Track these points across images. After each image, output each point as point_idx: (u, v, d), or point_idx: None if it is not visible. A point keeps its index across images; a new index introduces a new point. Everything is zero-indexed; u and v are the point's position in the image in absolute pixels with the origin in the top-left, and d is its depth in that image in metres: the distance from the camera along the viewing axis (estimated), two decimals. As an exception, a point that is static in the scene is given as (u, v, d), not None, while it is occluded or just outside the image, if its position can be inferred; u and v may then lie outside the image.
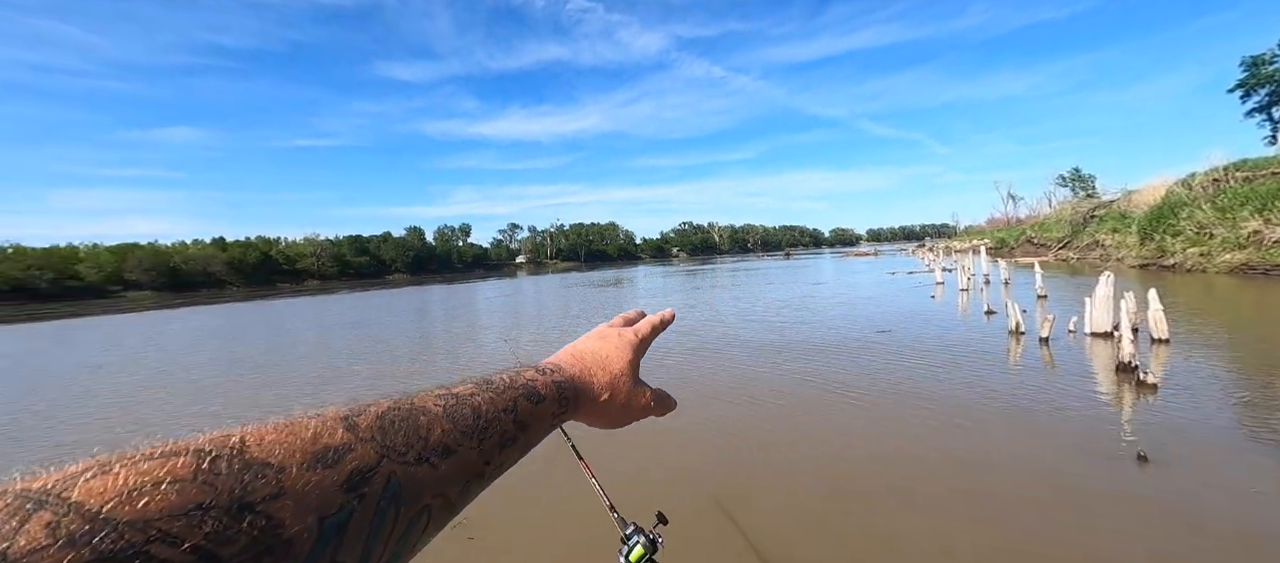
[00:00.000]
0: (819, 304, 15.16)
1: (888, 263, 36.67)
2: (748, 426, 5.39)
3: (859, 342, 9.10)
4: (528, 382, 0.47)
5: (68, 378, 10.78)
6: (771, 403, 6.05)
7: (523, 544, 3.47)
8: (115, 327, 24.42)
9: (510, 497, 4.17)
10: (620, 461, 4.45)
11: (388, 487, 0.30)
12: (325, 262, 78.29)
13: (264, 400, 8.03)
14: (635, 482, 4.07)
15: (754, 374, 7.41)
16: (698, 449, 4.78)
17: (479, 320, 17.80)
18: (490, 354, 10.87)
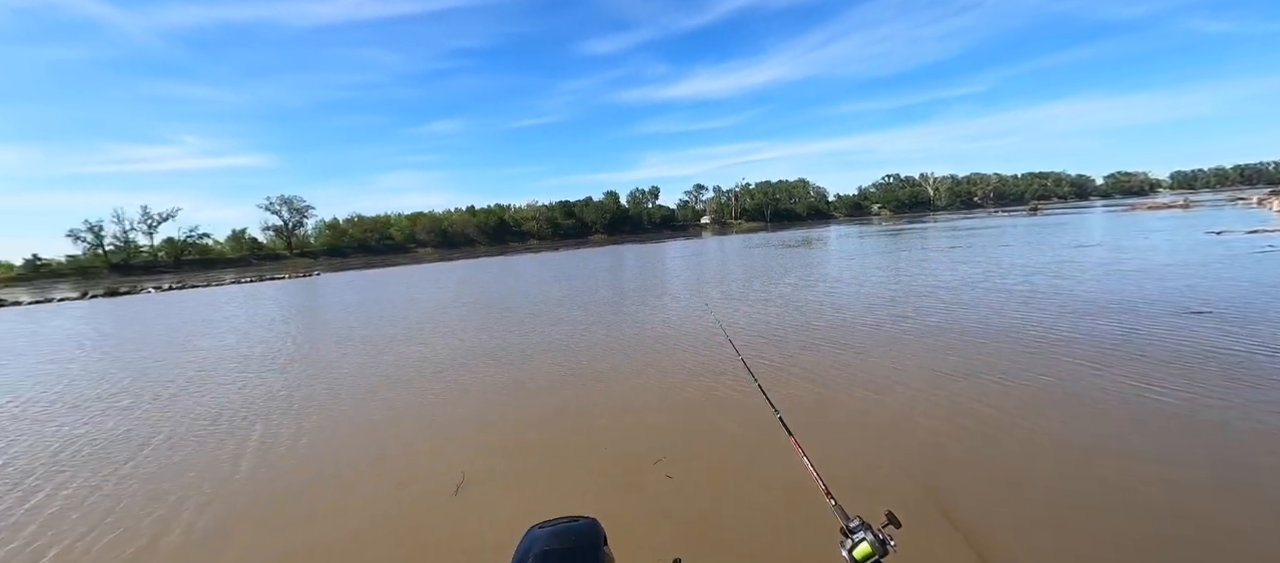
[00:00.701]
0: (1084, 271, 11.76)
1: (1206, 217, 26.29)
2: (979, 420, 4.57)
3: (1153, 322, 6.80)
4: None
5: (407, 298, 15.14)
6: (1010, 393, 5.00)
7: (727, 514, 3.27)
8: (418, 271, 33.16)
9: (712, 464, 4.34)
10: (832, 441, 4.18)
11: None
12: (542, 224, 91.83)
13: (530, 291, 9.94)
14: (848, 466, 3.73)
15: (979, 354, 6.21)
16: (919, 437, 4.21)
17: (666, 277, 18.76)
18: (684, 307, 11.39)
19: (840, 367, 6.13)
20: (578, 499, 3.68)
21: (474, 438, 4.90)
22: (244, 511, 3.80)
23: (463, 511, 3.58)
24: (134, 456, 4.99)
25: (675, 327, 9.46)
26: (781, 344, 7.46)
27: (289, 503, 3.88)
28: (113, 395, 7.37)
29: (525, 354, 8.09)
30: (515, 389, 6.35)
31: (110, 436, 5.62)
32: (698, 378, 6.15)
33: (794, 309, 10.25)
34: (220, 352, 10.42)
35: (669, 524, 3.21)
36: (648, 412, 5.23)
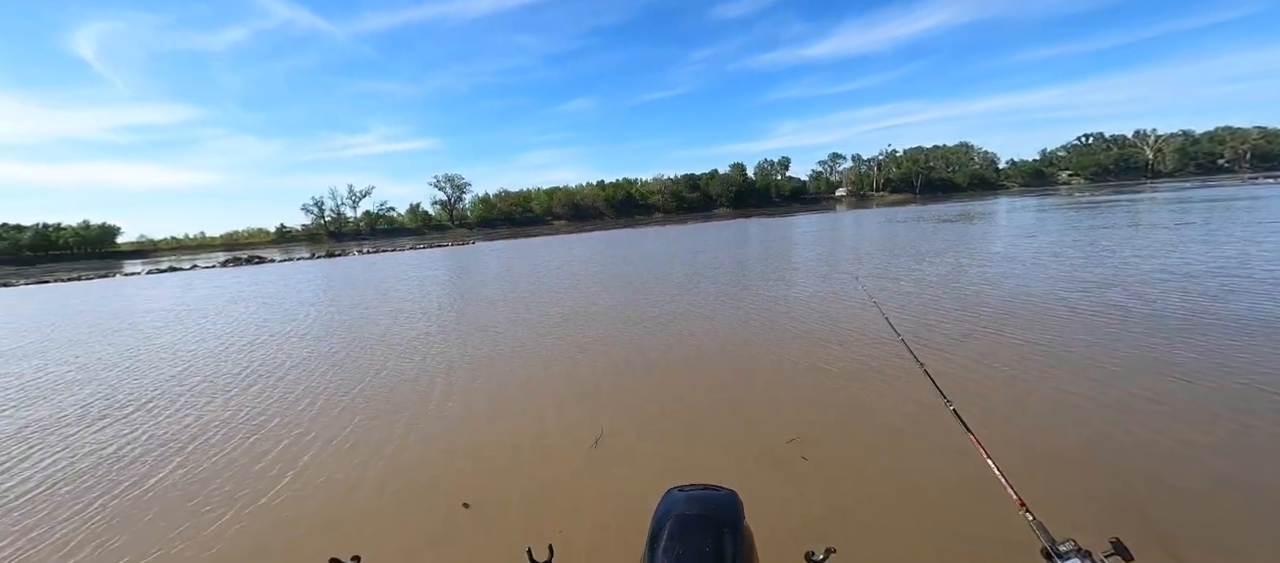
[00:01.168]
0: None
1: None
2: (1238, 444, 3.53)
3: None
4: None
5: (548, 266, 16.68)
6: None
7: (881, 511, 2.94)
8: (555, 241, 36.08)
9: (858, 452, 4.03)
10: (1020, 444, 3.51)
11: None
12: (667, 198, 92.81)
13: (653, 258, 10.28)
14: (1043, 477, 3.10)
15: (1237, 357, 4.76)
16: (1145, 455, 3.37)
17: (799, 250, 17.69)
18: (826, 282, 10.68)
19: (1026, 358, 5.20)
20: (708, 468, 3.66)
21: (611, 397, 5.16)
22: (437, 436, 4.49)
23: (601, 464, 3.80)
24: (363, 382, 6.19)
25: (816, 302, 8.90)
26: (946, 328, 6.56)
27: (462, 434, 4.49)
28: (349, 332, 9.26)
29: (658, 320, 8.29)
30: (650, 352, 6.54)
31: (347, 362, 7.06)
32: (842, 358, 5.71)
33: (958, 290, 8.95)
34: (409, 305, 12.43)
35: (806, 510, 3.03)
36: (782, 387, 5.01)
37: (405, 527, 3.17)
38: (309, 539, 3.11)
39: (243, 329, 10.39)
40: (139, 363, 8.03)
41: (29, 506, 3.71)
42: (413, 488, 3.63)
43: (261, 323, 10.98)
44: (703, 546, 1.02)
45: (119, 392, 6.46)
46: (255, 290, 18.33)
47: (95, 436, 4.99)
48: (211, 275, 28.95)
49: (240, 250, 60.41)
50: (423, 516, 3.27)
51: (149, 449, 4.57)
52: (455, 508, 3.31)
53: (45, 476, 4.17)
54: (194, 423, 5.15)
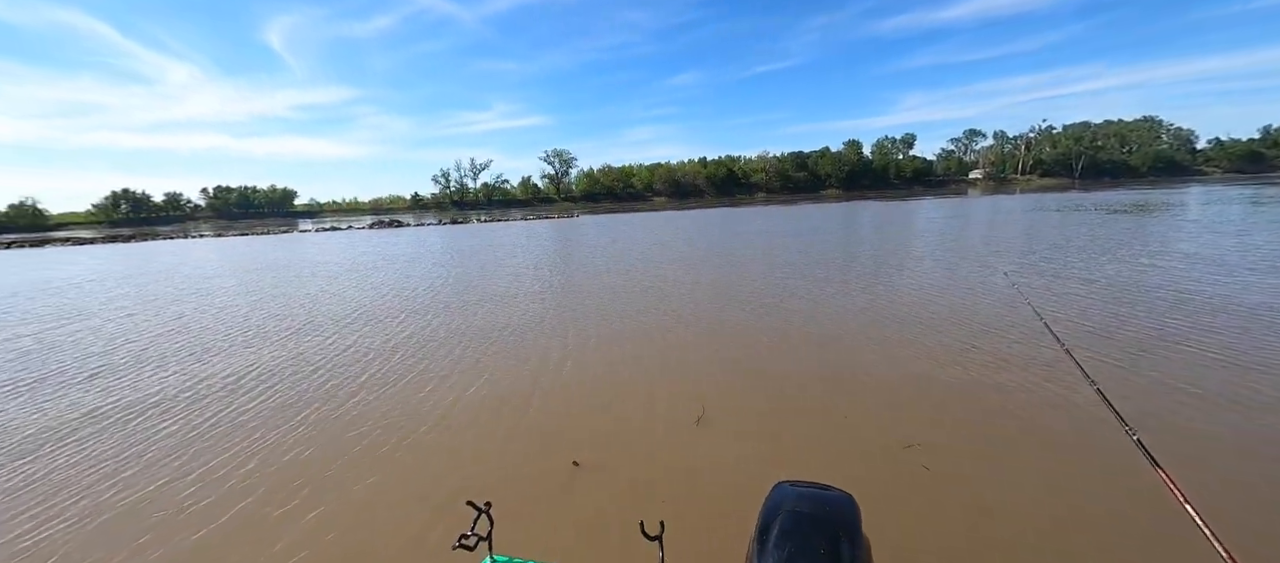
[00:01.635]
0: None
1: None
2: None
3: None
4: None
5: (652, 241, 17.06)
6: None
7: (1037, 545, 2.59)
8: (655, 217, 36.54)
9: (996, 470, 3.64)
10: (1240, 486, 2.94)
11: None
12: (771, 176, 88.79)
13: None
14: (1270, 532, 2.54)
15: None
16: None
17: (922, 240, 16.01)
18: (963, 277, 9.62)
19: (1234, 384, 4.25)
20: (814, 463, 3.52)
21: (714, 375, 5.14)
22: (555, 394, 4.85)
23: (703, 442, 3.82)
24: (493, 336, 6.86)
25: (949, 297, 8.04)
26: (1121, 340, 5.57)
27: (577, 394, 4.78)
28: (479, 290, 10.30)
29: (763, 302, 8.06)
30: (754, 334, 6.40)
31: (479, 317, 7.87)
32: (979, 362, 5.12)
33: (1138, 294, 7.54)
34: (526, 271, 13.42)
35: (936, 532, 2.77)
36: (902, 387, 4.62)
37: (523, 477, 3.48)
38: (447, 475, 3.54)
39: (401, 282, 11.96)
40: (319, 311, 9.61)
41: (263, 418, 4.66)
42: (532, 441, 3.95)
43: (406, 278, 12.56)
44: (816, 546, 0.97)
45: (330, 339, 7.80)
46: (399, 250, 20.94)
47: (309, 378, 6.10)
48: (364, 235, 33.52)
49: (383, 215, 69.62)
50: (539, 469, 3.56)
51: (342, 383, 5.48)
52: (566, 466, 3.55)
53: (276, 402, 5.20)
54: (368, 359, 6.07)
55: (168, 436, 4.26)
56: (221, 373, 5.83)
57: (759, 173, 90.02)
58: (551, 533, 2.89)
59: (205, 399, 5.03)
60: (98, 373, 5.98)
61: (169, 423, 4.52)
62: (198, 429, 4.36)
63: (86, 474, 3.69)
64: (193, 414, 4.67)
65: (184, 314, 9.37)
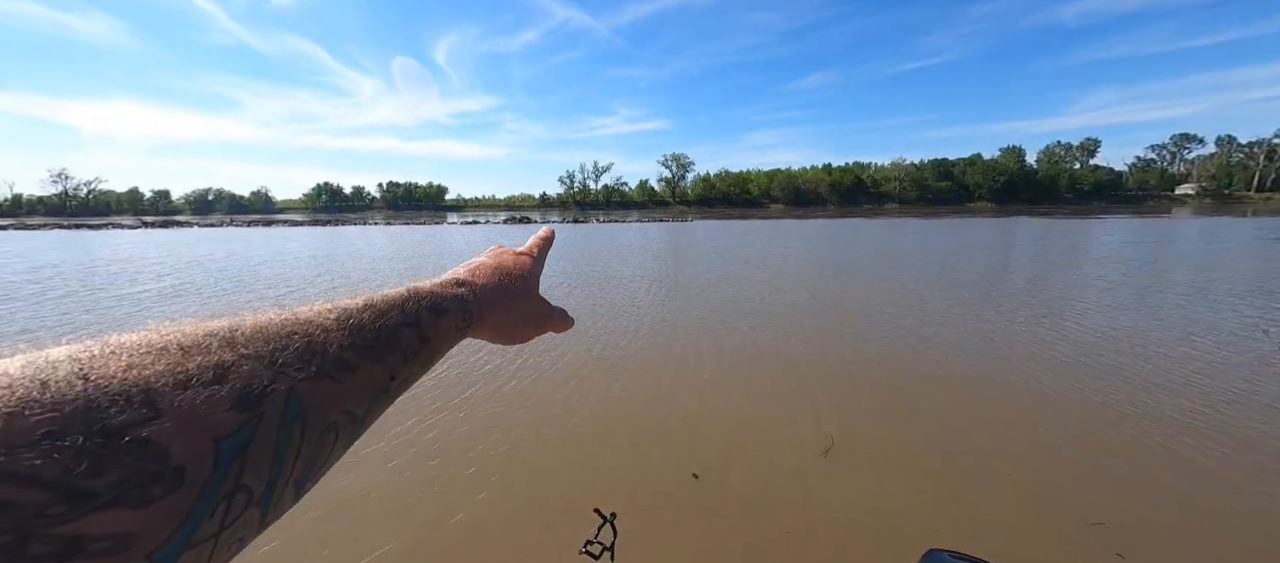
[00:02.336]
0: None
1: None
2: None
3: None
4: (429, 293, 0.44)
5: (774, 253, 16.58)
6: None
7: None
8: (770, 227, 35.31)
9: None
10: None
11: (289, 403, 0.28)
12: (906, 185, 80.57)
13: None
14: None
15: None
16: None
17: (1101, 270, 13.22)
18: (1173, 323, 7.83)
19: None
20: (971, 529, 3.02)
21: (848, 400, 4.75)
22: (686, 402, 4.87)
23: (832, 479, 3.50)
24: (628, 339, 7.14)
25: (1159, 345, 6.58)
26: None
27: (707, 403, 4.73)
28: (611, 293, 10.84)
29: (902, 328, 7.28)
30: (890, 364, 5.80)
31: (611, 320, 8.26)
32: (1200, 433, 4.07)
33: None
34: (650, 272, 13.77)
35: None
36: (1090, 454, 3.81)
37: (646, 485, 3.48)
38: (580, 475, 3.69)
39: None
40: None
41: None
42: (656, 447, 3.97)
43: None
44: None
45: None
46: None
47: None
48: (500, 229, 37.18)
49: (515, 211, 76.68)
50: (662, 477, 3.54)
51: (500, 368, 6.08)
52: (687, 477, 3.49)
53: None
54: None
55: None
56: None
57: (892, 182, 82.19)
58: (667, 548, 2.84)
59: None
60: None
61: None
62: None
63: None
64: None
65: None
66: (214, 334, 0.27)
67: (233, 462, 0.24)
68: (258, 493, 0.25)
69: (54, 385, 0.20)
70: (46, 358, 0.22)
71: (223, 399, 0.24)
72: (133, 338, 0.25)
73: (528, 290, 0.58)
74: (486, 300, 0.51)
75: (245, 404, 0.25)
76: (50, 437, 0.18)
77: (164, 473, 0.21)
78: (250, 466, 0.25)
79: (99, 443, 0.19)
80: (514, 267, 0.57)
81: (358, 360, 0.33)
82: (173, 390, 0.23)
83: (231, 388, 0.25)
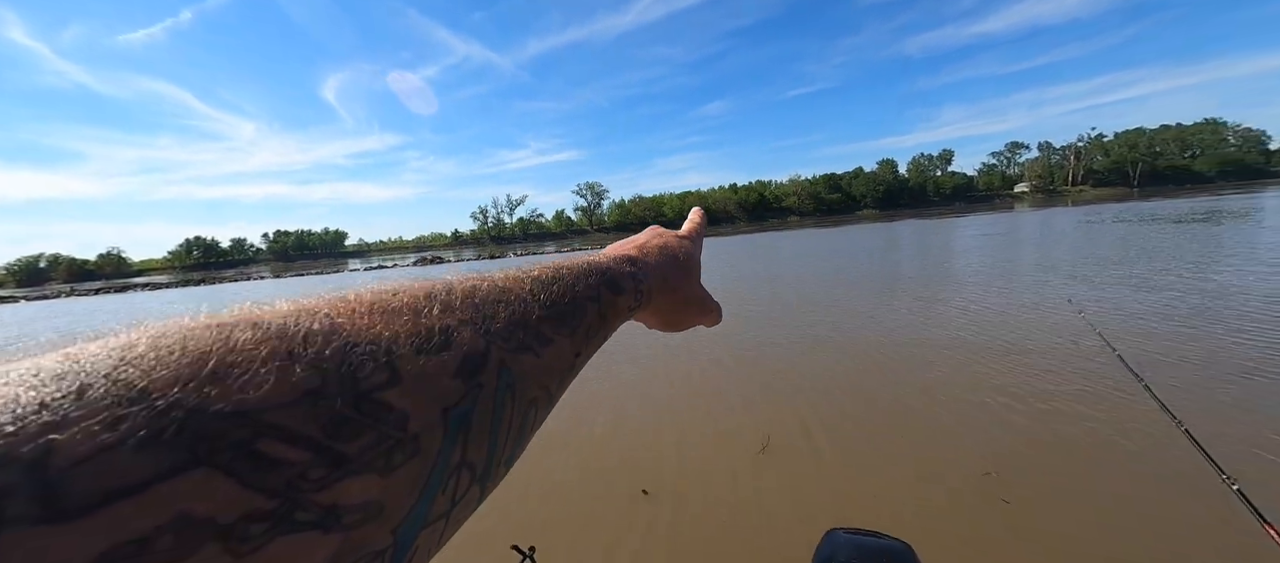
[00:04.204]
0: None
1: None
2: None
3: None
4: (608, 269, 0.41)
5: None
6: None
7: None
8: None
9: (1055, 516, 3.42)
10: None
11: (502, 376, 0.26)
12: (803, 199, 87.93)
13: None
14: None
15: None
16: None
17: (974, 259, 15.35)
18: (1020, 296, 9.17)
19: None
20: (883, 503, 3.36)
21: (782, 401, 5.06)
22: (623, 419, 4.85)
23: (766, 472, 3.74)
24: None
25: (1011, 323, 7.68)
26: (1209, 374, 5.13)
27: (644, 418, 4.77)
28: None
29: (814, 332, 7.89)
30: (820, 363, 6.26)
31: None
32: (1049, 396, 4.84)
33: (1223, 319, 6.98)
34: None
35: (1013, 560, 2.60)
36: (972, 421, 4.40)
37: (591, 508, 3.47)
38: (509, 516, 3.58)
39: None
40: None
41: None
42: (597, 469, 3.96)
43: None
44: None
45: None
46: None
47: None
48: (412, 271, 35.03)
49: (426, 252, 72.80)
50: (608, 499, 3.56)
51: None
52: (636, 494, 3.55)
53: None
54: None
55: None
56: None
57: (791, 197, 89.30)
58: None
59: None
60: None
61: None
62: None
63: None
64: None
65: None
66: (434, 296, 0.26)
67: (459, 434, 0.23)
68: (479, 469, 0.24)
69: (314, 341, 0.19)
70: (306, 309, 0.21)
71: (449, 366, 0.23)
72: (369, 294, 0.24)
73: (692, 274, 0.56)
74: (657, 282, 0.48)
75: (467, 373, 0.24)
76: (312, 396, 0.18)
77: (404, 441, 0.20)
78: (473, 438, 0.24)
79: (351, 405, 0.19)
80: (678, 249, 0.55)
81: (553, 333, 0.31)
82: (412, 354, 0.22)
83: (455, 355, 0.24)
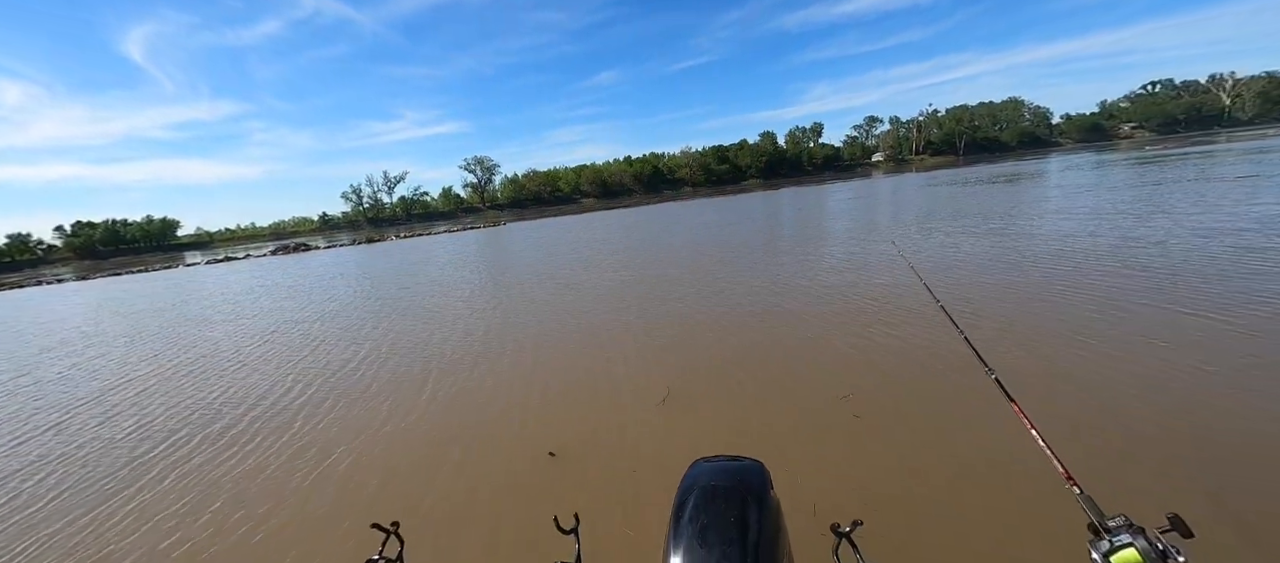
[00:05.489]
0: None
1: None
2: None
3: None
4: None
5: (575, 238, 16.95)
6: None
7: (921, 486, 2.81)
8: (585, 220, 36.38)
9: (907, 421, 4.05)
10: (1069, 415, 3.30)
11: None
12: (696, 171, 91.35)
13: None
14: (1093, 450, 2.94)
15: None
16: (1206, 430, 3.10)
17: (835, 221, 17.23)
18: (865, 250, 10.45)
19: (1070, 324, 4.99)
20: (761, 426, 3.75)
21: (676, 359, 5.34)
22: (522, 389, 4.74)
23: (668, 417, 4.02)
24: (445, 342, 6.55)
25: (857, 269, 8.75)
26: (987, 293, 6.38)
27: (548, 386, 4.72)
28: (418, 303, 9.74)
29: (703, 290, 8.35)
30: (707, 317, 6.70)
31: (421, 327, 7.47)
32: (885, 324, 5.65)
33: (1000, 254, 8.63)
34: (466, 282, 12.89)
35: (850, 479, 3.01)
36: (832, 351, 5.02)
37: (496, 473, 3.43)
38: (394, 486, 3.40)
39: (346, 309, 11.02)
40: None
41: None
42: (516, 434, 3.95)
43: (351, 302, 11.62)
44: (727, 516, 1.01)
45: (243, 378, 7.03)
46: (323, 278, 19.23)
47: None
48: (268, 264, 30.53)
49: (287, 239, 63.77)
50: (517, 461, 3.59)
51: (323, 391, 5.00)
52: (543, 456, 3.63)
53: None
54: (319, 369, 5.59)
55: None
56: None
57: (684, 168, 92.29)
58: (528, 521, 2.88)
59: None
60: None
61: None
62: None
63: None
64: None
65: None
66: None
67: None
68: None
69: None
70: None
71: None
72: None
73: None
74: None
75: None
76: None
77: None
78: None
79: None
80: None
81: None
82: None
83: None
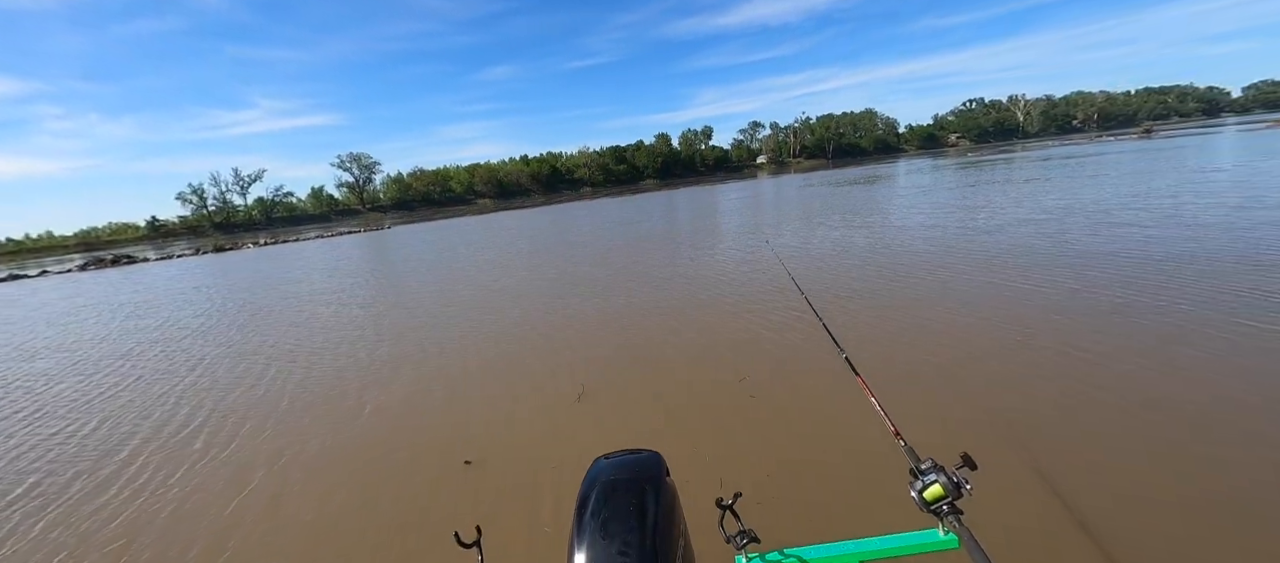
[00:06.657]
0: (1187, 206, 10.35)
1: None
2: (1066, 363, 4.24)
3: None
4: None
5: (472, 240, 16.01)
6: (1103, 338, 4.62)
7: (796, 453, 3.15)
8: (480, 222, 34.63)
9: (784, 399, 4.36)
10: (901, 382, 3.91)
11: None
12: (594, 171, 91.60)
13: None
14: (918, 408, 3.49)
15: (1061, 295, 5.72)
16: (994, 381, 3.88)
17: (722, 219, 18.33)
18: (745, 248, 11.19)
19: (906, 307, 5.82)
20: (669, 414, 3.85)
21: (587, 358, 5.32)
22: (436, 401, 4.30)
23: (584, 415, 4.01)
24: (355, 355, 5.73)
25: (739, 266, 9.37)
26: (843, 283, 7.19)
27: (460, 396, 4.34)
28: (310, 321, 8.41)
29: (608, 289, 8.37)
30: (607, 317, 6.75)
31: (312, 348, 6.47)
32: (763, 314, 6.13)
33: (854, 249, 9.82)
34: (351, 293, 11.48)
35: (741, 457, 3.24)
36: (723, 342, 5.31)
37: (416, 483, 3.22)
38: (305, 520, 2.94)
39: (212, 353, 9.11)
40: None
41: None
42: (420, 447, 3.73)
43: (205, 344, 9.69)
44: (627, 506, 1.05)
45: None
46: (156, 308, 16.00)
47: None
48: (82, 280, 24.82)
49: (103, 250, 51.99)
50: (433, 472, 3.40)
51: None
52: (459, 466, 3.45)
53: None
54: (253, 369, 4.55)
55: None
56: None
57: (582, 168, 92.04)
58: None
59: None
60: None
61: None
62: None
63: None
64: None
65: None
66: None
67: None
68: None
69: None
70: None
71: None
72: None
73: None
74: None
75: None
76: None
77: None
78: None
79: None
80: None
81: None
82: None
83: None
